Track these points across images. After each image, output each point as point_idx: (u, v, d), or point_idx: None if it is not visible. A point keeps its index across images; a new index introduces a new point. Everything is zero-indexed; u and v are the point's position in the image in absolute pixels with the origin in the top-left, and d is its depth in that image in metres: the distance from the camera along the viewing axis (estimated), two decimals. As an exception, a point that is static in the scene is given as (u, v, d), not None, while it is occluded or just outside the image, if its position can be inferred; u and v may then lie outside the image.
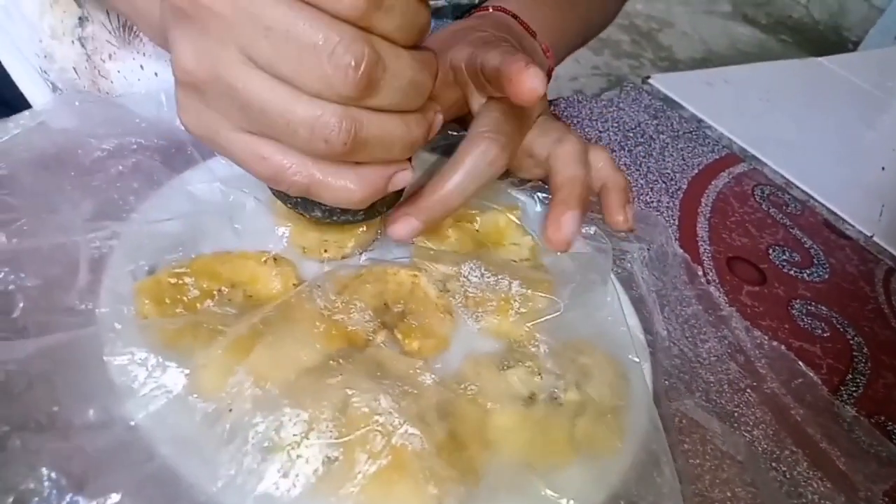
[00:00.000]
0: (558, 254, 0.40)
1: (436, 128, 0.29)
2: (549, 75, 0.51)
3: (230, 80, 0.24)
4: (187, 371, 0.25)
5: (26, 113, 0.36)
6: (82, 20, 0.49)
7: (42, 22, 0.51)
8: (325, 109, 0.24)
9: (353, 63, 0.23)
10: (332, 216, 0.32)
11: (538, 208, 0.42)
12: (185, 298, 0.28)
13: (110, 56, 0.49)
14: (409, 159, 0.30)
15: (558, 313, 0.34)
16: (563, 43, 0.53)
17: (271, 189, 0.32)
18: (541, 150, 0.38)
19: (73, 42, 0.50)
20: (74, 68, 0.51)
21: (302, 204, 0.32)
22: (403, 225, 0.33)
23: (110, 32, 0.48)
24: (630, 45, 2.82)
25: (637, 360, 0.33)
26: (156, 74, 0.49)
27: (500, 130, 0.34)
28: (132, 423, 0.23)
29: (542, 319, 0.34)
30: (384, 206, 0.33)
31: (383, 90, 0.25)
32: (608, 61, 2.67)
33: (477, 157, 0.33)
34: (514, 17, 0.48)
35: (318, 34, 0.22)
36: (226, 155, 0.27)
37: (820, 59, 0.86)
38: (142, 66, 0.48)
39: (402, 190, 0.32)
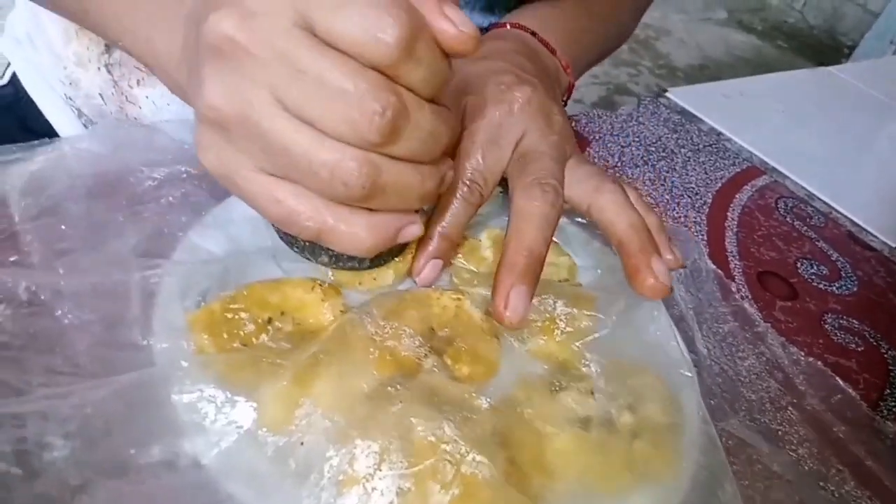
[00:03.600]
0: (598, 272, 0.40)
1: (447, 182, 0.30)
2: (569, 92, 0.51)
3: (257, 120, 0.24)
4: (254, 405, 0.25)
5: (66, 139, 0.36)
6: (109, 47, 0.49)
7: (67, 49, 0.51)
8: (347, 153, 0.24)
9: (379, 110, 0.23)
10: (338, 262, 0.32)
11: (574, 228, 0.42)
12: (241, 332, 0.28)
13: (138, 82, 0.49)
14: (419, 213, 0.30)
15: (606, 331, 0.34)
16: (581, 57, 0.53)
17: (279, 234, 0.33)
18: (579, 201, 0.38)
19: (98, 69, 0.50)
20: (101, 94, 0.51)
21: (309, 249, 0.32)
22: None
23: (138, 58, 0.48)
24: (628, 54, 2.84)
25: (690, 374, 0.33)
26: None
27: (553, 176, 0.35)
28: (205, 462, 0.23)
29: (591, 338, 0.34)
30: (390, 256, 0.34)
31: (404, 139, 0.25)
32: (606, 70, 2.68)
33: (541, 204, 0.34)
34: (533, 33, 0.48)
35: (348, 80, 0.23)
36: (241, 195, 0.27)
37: (830, 68, 0.86)
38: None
39: (408, 242, 0.32)
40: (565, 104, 0.50)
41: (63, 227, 0.29)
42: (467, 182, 0.35)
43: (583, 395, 0.32)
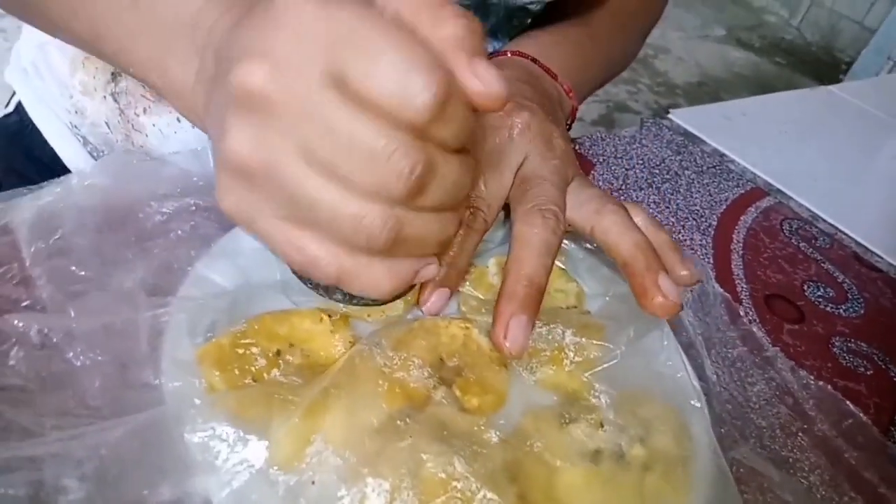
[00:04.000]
0: (606, 298, 0.40)
1: (465, 224, 0.31)
2: (573, 116, 0.51)
3: (284, 173, 0.24)
4: (266, 443, 0.25)
5: (74, 173, 0.37)
6: (115, 76, 0.49)
7: (73, 78, 0.51)
8: (372, 208, 0.24)
9: (408, 169, 0.24)
10: (352, 300, 0.33)
11: (582, 255, 0.42)
12: (252, 368, 0.28)
13: (145, 110, 0.49)
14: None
15: (616, 361, 0.34)
16: (585, 81, 0.54)
17: (293, 270, 0.33)
18: (582, 224, 0.37)
19: (104, 97, 0.50)
20: (107, 123, 0.51)
21: (323, 287, 0.32)
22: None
23: (145, 87, 0.49)
24: (627, 72, 2.83)
25: (699, 405, 0.33)
26: (193, 126, 0.49)
27: (554, 202, 0.35)
28: (216, 503, 0.23)
29: (600, 368, 0.34)
30: (403, 292, 0.34)
31: (429, 192, 0.26)
32: (606, 88, 2.69)
33: (541, 231, 0.34)
34: (534, 60, 0.49)
35: (379, 139, 0.23)
36: (261, 239, 0.27)
37: (830, 87, 0.87)
38: (178, 119, 0.49)
39: None
40: (569, 128, 0.50)
41: (73, 267, 0.29)
42: (471, 210, 0.35)
43: (592, 428, 0.31)
